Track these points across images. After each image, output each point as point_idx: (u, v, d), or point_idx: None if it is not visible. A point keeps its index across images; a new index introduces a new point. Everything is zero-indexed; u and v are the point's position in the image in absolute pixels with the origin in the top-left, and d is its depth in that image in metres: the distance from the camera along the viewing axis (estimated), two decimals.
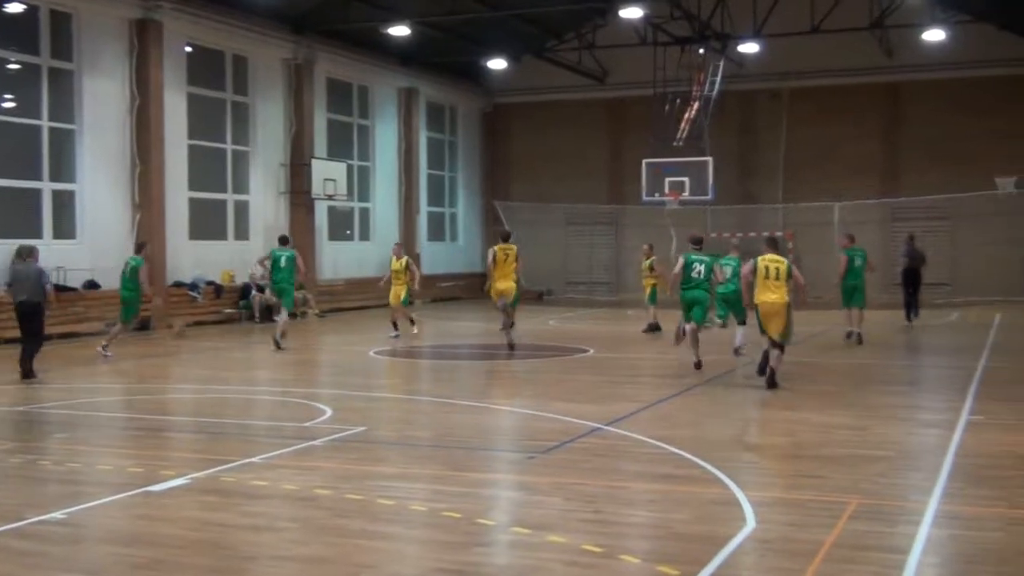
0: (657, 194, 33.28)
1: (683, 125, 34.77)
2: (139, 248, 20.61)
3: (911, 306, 26.26)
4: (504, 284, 20.02)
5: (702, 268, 17.39)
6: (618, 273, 40.89)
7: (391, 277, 24.05)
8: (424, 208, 39.74)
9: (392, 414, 13.16)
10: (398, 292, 23.80)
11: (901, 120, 37.60)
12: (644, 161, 33.93)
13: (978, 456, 10.28)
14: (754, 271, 15.80)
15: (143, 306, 21.31)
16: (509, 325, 20.42)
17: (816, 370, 17.27)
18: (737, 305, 18.98)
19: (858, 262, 22.27)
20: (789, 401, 13.59)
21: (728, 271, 19.01)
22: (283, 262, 21.36)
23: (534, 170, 41.81)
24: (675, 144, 34.41)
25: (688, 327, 17.35)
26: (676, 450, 10.25)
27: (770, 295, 15.78)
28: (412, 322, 23.97)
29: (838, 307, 23.23)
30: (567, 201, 40.92)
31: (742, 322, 19.58)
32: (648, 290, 24.63)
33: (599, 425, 11.62)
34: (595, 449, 10.48)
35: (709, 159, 33.28)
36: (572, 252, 41.32)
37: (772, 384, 15.33)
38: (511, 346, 20.38)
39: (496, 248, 20.25)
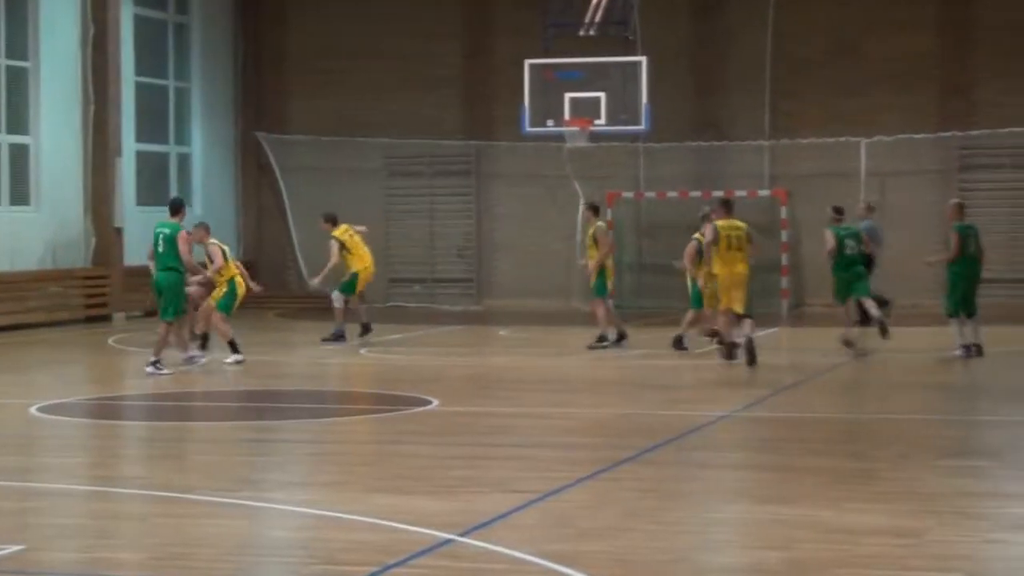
0: (551, 122, 28.03)
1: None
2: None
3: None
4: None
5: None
6: (482, 262, 34.45)
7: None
8: (130, 146, 31.38)
9: (76, 521, 10.55)
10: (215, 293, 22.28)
11: None
12: (527, 62, 27.98)
13: None
14: (716, 240, 18.32)
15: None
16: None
17: (825, 429, 14.99)
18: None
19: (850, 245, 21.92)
20: (781, 485, 11.49)
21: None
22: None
23: (329, 79, 34.70)
24: (582, 34, 29.26)
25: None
26: None
27: (736, 266, 18.38)
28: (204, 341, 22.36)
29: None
30: (388, 134, 34.01)
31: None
32: (595, 277, 22.64)
33: (449, 536, 9.53)
34: None
35: (642, 60, 27.90)
36: (398, 224, 34.39)
37: (754, 359, 18.02)
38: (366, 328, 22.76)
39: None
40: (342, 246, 22.71)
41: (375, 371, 21.45)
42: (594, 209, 24.17)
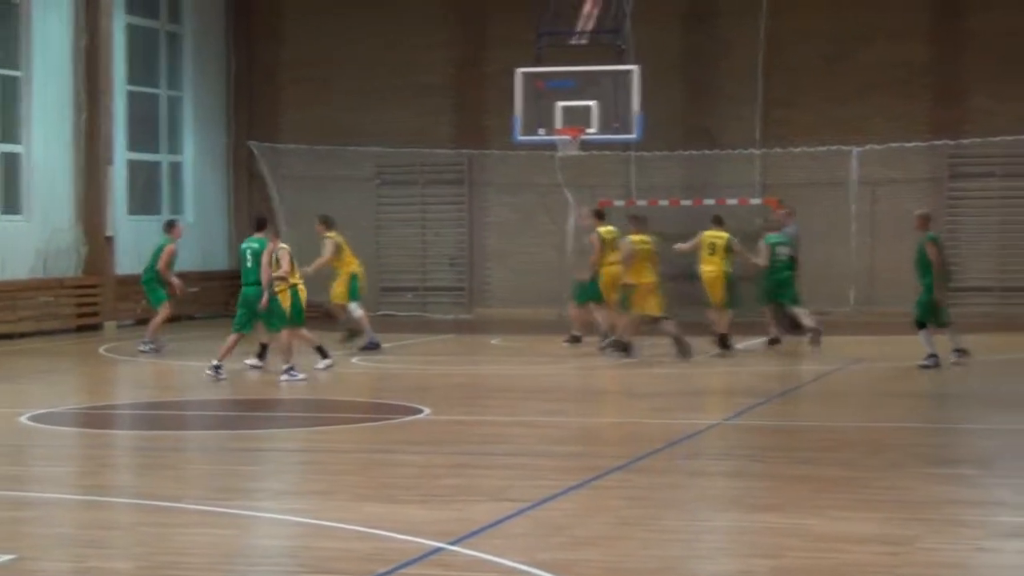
0: (542, 130, 27.99)
1: (587, 8, 29.60)
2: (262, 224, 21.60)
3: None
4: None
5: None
6: (473, 270, 34.36)
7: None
8: (122, 154, 31.24)
9: (67, 530, 10.65)
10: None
11: (966, 5, 31.47)
12: (519, 71, 28.04)
13: None
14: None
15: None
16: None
17: (815, 438, 15.04)
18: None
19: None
20: (770, 493, 11.56)
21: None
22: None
23: (321, 88, 34.99)
24: (574, 42, 29.59)
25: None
26: None
27: (710, 266, 21.63)
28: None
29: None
30: (379, 143, 34.10)
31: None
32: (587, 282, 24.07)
33: (440, 544, 9.64)
34: None
35: (634, 68, 27.80)
36: (388, 233, 34.42)
37: (726, 345, 20.82)
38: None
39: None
40: (338, 248, 22.70)
41: (366, 379, 21.47)
42: (598, 215, 24.63)
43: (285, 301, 21.11)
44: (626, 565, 8.94)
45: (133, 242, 30.24)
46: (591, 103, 27.84)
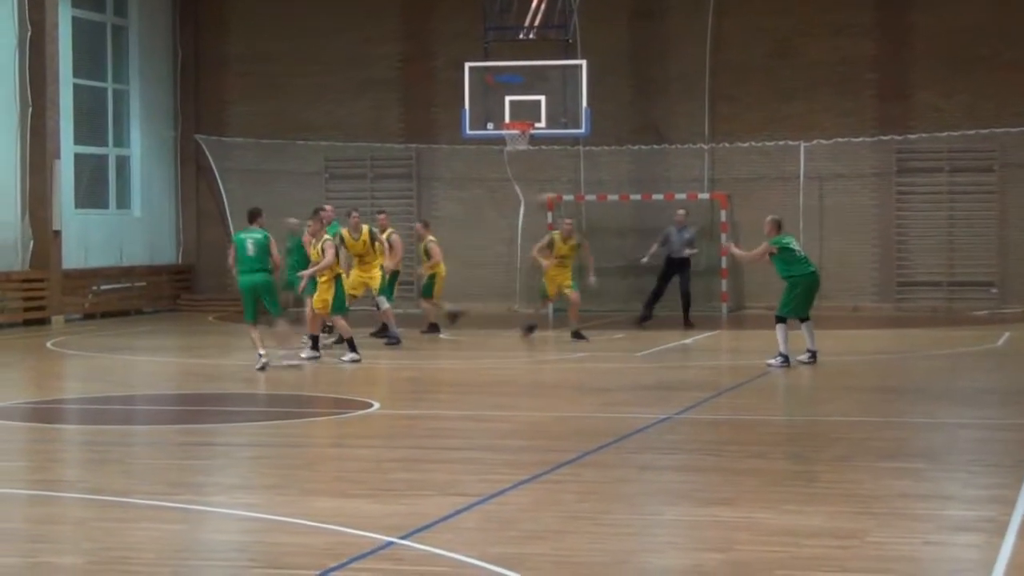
0: (491, 125, 29.01)
1: (535, 3, 29.98)
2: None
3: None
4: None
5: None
6: (421, 265, 31.93)
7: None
8: (68, 148, 31.15)
9: (15, 526, 10.60)
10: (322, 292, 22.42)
11: (910, 1, 31.75)
12: (468, 65, 29.09)
13: None
14: (550, 245, 22.73)
15: None
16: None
17: (765, 432, 14.98)
18: None
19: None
20: (721, 487, 11.55)
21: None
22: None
23: (268, 81, 35.13)
24: (522, 37, 30.00)
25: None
26: None
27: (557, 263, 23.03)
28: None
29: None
30: (327, 137, 34.60)
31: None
32: (425, 279, 25.49)
33: (391, 538, 9.59)
34: None
35: (582, 63, 28.83)
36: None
37: (579, 335, 22.58)
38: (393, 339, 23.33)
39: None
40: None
41: (315, 374, 21.20)
42: (425, 224, 26.03)
43: (329, 291, 21.31)
44: (576, 559, 8.90)
45: (80, 236, 30.11)
46: (539, 98, 28.37)
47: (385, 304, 23.53)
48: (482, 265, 30.57)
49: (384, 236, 24.12)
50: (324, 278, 21.12)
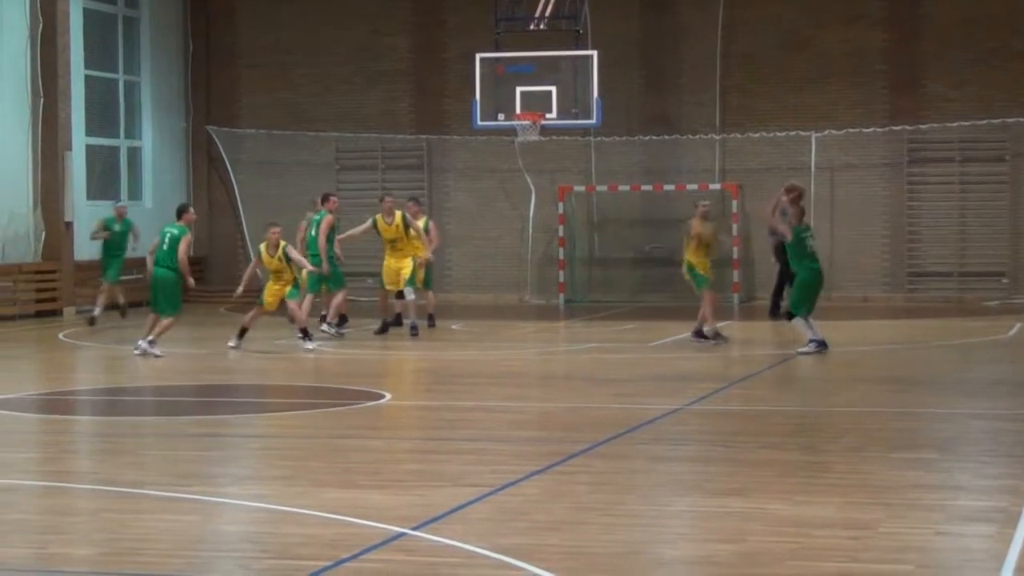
0: (502, 116, 28.74)
1: None
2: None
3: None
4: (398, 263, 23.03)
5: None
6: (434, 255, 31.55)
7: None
8: (80, 140, 30.85)
9: (28, 517, 10.54)
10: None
11: None
12: (478, 56, 28.75)
13: None
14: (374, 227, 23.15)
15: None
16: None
17: (777, 422, 14.95)
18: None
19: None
20: (732, 478, 11.42)
21: None
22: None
23: (279, 72, 34.74)
24: (532, 27, 29.94)
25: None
26: (539, 571, 8.41)
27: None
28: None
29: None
30: (339, 128, 34.19)
31: None
32: (423, 269, 24.44)
33: (402, 529, 9.58)
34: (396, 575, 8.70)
35: (593, 54, 28.52)
36: (349, 218, 31.46)
37: (430, 323, 23.47)
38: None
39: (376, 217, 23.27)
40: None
41: (327, 365, 21.31)
42: (416, 201, 25.88)
43: (286, 288, 21.82)
44: (587, 550, 8.91)
45: (91, 227, 29.77)
46: (550, 88, 28.20)
47: (411, 295, 23.46)
48: (493, 256, 30.42)
49: (420, 223, 24.04)
50: (282, 282, 21.61)
